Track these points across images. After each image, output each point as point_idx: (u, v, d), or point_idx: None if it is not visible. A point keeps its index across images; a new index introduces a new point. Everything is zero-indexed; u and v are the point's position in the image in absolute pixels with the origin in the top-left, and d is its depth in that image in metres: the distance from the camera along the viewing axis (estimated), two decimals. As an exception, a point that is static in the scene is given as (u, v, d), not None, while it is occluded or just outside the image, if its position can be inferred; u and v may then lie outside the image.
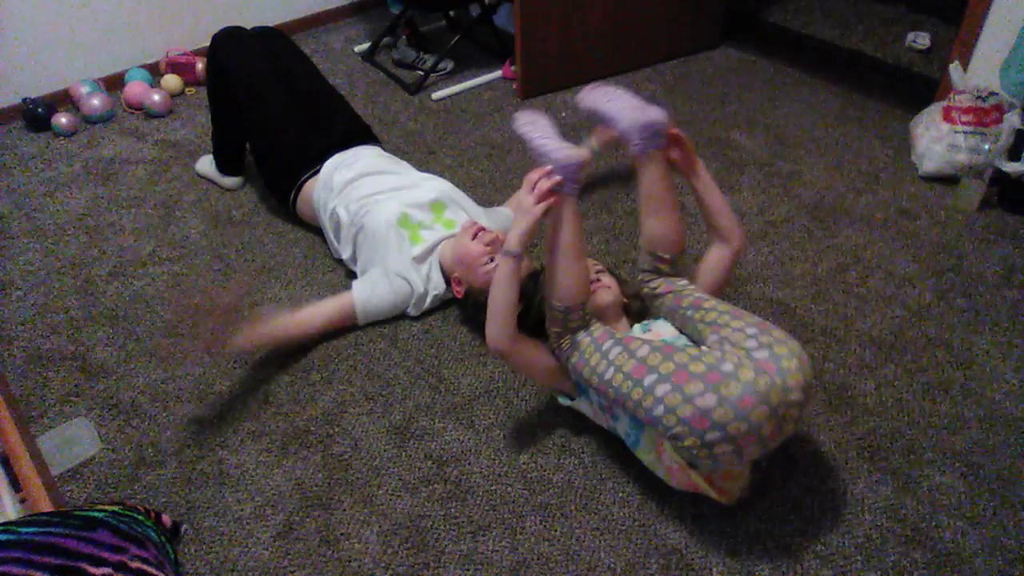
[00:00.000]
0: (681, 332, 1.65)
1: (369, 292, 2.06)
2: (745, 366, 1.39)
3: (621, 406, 1.54)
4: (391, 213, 2.11)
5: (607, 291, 1.78)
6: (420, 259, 2.10)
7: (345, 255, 2.24)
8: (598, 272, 1.84)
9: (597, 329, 1.63)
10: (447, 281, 2.10)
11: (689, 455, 1.45)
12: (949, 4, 3.43)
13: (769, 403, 1.37)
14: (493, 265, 1.96)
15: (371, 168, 2.25)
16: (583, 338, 1.62)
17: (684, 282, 1.73)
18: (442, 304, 2.16)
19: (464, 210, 2.22)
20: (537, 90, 3.12)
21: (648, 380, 1.46)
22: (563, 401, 1.77)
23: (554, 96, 3.13)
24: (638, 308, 1.82)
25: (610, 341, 1.58)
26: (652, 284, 1.74)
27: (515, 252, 1.61)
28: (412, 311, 2.12)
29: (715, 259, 1.77)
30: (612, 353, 1.55)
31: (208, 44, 2.40)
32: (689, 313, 1.62)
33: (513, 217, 1.77)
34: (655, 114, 1.64)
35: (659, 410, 1.43)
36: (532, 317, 1.93)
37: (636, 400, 1.48)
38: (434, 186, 2.22)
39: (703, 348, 1.50)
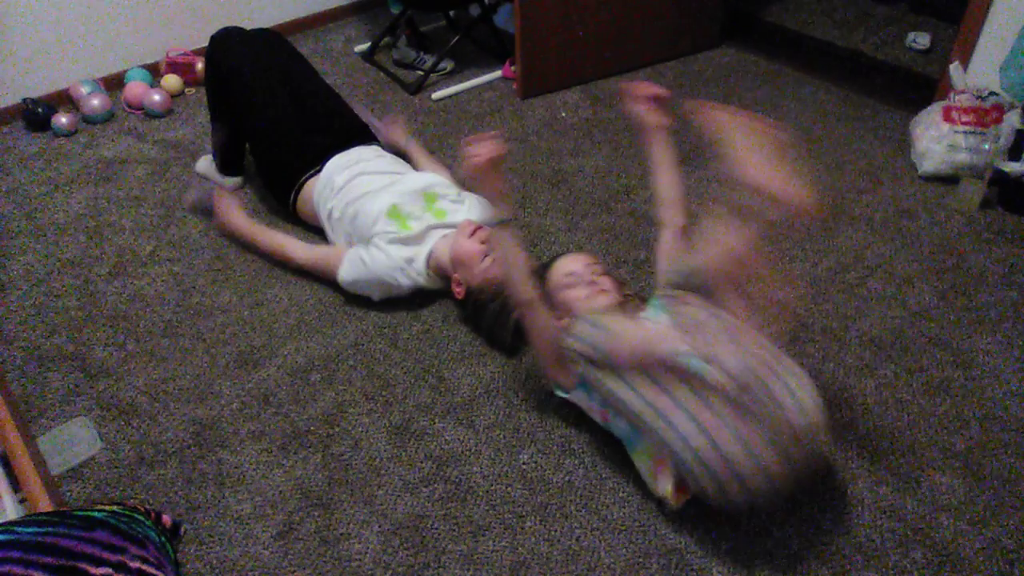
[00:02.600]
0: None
1: (364, 257, 2.07)
2: (774, 416, 1.39)
3: (626, 418, 1.55)
4: (382, 204, 2.11)
5: (603, 296, 1.77)
6: (404, 241, 2.08)
7: None
8: (597, 275, 1.83)
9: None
10: (446, 282, 2.10)
11: (696, 486, 1.48)
12: (949, 4, 3.43)
13: (788, 456, 1.40)
14: (490, 261, 1.96)
15: (368, 168, 2.25)
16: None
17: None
18: (442, 304, 2.16)
19: (459, 203, 2.21)
20: (537, 90, 3.12)
21: (661, 402, 1.46)
22: (559, 393, 1.76)
23: (554, 96, 3.13)
24: (634, 307, 1.80)
25: None
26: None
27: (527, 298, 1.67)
28: (398, 284, 2.10)
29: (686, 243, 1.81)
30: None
31: (208, 44, 2.40)
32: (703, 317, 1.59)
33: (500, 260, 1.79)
34: None
35: (678, 445, 1.44)
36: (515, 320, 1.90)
37: (649, 423, 1.48)
38: (426, 176, 2.22)
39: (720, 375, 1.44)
